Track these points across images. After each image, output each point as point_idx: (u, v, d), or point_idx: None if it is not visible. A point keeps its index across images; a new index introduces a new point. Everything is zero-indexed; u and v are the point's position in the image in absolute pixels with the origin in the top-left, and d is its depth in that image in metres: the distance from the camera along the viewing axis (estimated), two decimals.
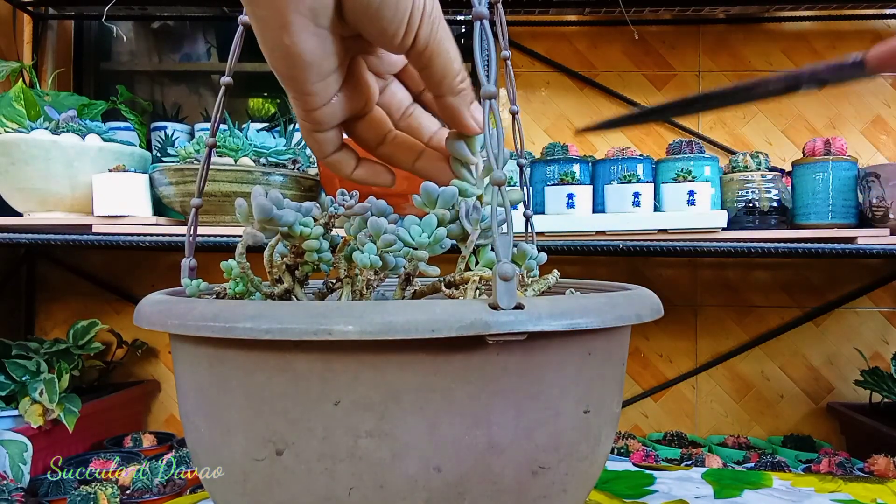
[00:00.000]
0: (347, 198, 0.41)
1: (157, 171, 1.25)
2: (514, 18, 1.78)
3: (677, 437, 1.62)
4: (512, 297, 0.28)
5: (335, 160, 0.38)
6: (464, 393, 0.30)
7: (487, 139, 0.31)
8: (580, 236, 1.31)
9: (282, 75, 0.33)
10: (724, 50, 1.81)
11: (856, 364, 1.69)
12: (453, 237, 0.37)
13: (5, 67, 1.51)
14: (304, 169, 1.33)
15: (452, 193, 0.37)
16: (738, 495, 0.59)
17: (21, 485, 1.19)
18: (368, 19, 0.31)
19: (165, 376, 1.84)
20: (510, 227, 0.30)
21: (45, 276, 1.83)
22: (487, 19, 0.31)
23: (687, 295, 1.79)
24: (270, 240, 0.39)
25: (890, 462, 1.27)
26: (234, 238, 1.19)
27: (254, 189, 0.36)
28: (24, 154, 1.24)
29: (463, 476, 0.30)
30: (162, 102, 1.96)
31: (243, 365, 0.31)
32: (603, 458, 0.37)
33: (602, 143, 1.82)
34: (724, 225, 1.30)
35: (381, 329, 0.27)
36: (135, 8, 1.81)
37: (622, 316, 0.33)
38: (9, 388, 1.34)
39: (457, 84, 0.34)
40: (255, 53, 0.33)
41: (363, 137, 0.39)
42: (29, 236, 1.23)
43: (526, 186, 0.51)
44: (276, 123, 1.58)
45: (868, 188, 1.31)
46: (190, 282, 0.41)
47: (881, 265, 1.73)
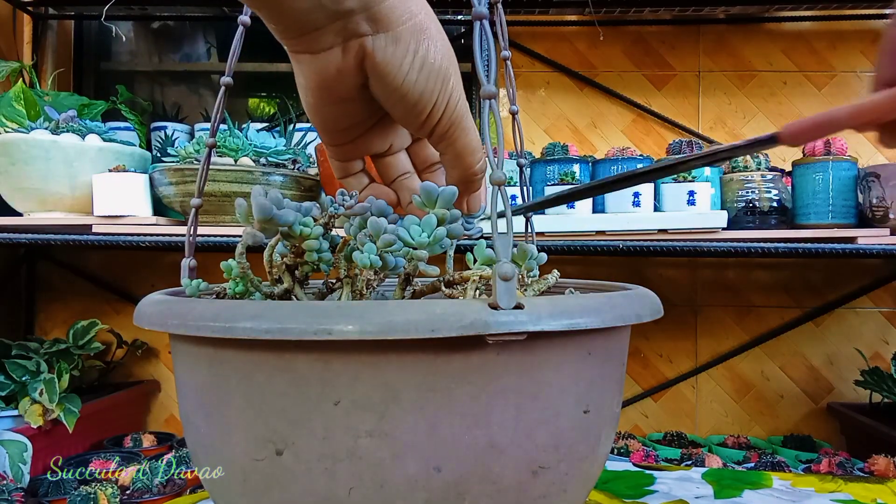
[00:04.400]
0: (347, 198, 0.41)
1: (157, 171, 1.25)
2: (514, 18, 1.78)
3: (677, 437, 1.62)
4: (512, 296, 0.28)
5: (347, 182, 0.40)
6: (464, 393, 0.30)
7: (487, 139, 0.31)
8: (580, 236, 1.31)
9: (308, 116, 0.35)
10: (724, 50, 1.81)
11: (856, 364, 1.69)
12: (453, 237, 0.38)
13: (5, 67, 1.51)
14: (304, 169, 1.33)
15: (452, 193, 0.37)
16: (738, 495, 0.59)
17: (21, 485, 1.19)
18: (391, 107, 0.33)
19: (165, 376, 1.84)
20: (510, 227, 0.30)
21: (45, 276, 1.83)
22: (487, 19, 0.32)
23: (687, 295, 1.79)
24: (270, 240, 0.39)
25: (890, 462, 1.27)
26: (234, 238, 1.19)
27: (254, 189, 0.36)
28: (24, 154, 1.24)
29: (463, 476, 0.30)
30: (162, 102, 1.96)
31: (243, 365, 0.31)
32: (603, 458, 0.37)
33: (602, 142, 1.82)
34: (724, 225, 1.30)
35: (381, 329, 0.27)
36: (135, 8, 1.81)
37: (622, 316, 0.33)
38: (9, 388, 1.34)
39: (467, 175, 0.36)
40: (255, 53, 0.34)
41: (379, 170, 0.40)
42: (29, 236, 1.23)
43: (526, 186, 0.51)
44: (276, 123, 1.58)
45: (868, 188, 1.31)
46: (190, 282, 0.41)
47: (881, 265, 1.73)
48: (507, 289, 0.28)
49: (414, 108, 0.32)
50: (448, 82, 0.32)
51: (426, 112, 0.32)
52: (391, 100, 0.32)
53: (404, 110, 0.32)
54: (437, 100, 0.32)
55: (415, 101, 0.32)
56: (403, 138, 0.39)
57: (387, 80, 0.31)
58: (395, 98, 0.32)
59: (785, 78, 1.80)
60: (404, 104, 0.32)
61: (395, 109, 0.33)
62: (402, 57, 0.31)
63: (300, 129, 1.46)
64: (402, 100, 0.32)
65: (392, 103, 0.32)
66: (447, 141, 0.34)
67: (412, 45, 0.31)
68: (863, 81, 1.78)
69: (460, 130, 0.34)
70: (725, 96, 1.81)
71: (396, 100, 0.32)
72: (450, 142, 0.34)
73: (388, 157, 0.39)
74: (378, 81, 0.31)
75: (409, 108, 0.32)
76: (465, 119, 0.34)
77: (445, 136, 0.34)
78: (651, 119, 1.81)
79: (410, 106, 0.32)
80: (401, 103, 0.32)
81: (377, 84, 0.32)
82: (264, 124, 1.58)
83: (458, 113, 0.33)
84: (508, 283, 0.28)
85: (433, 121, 0.33)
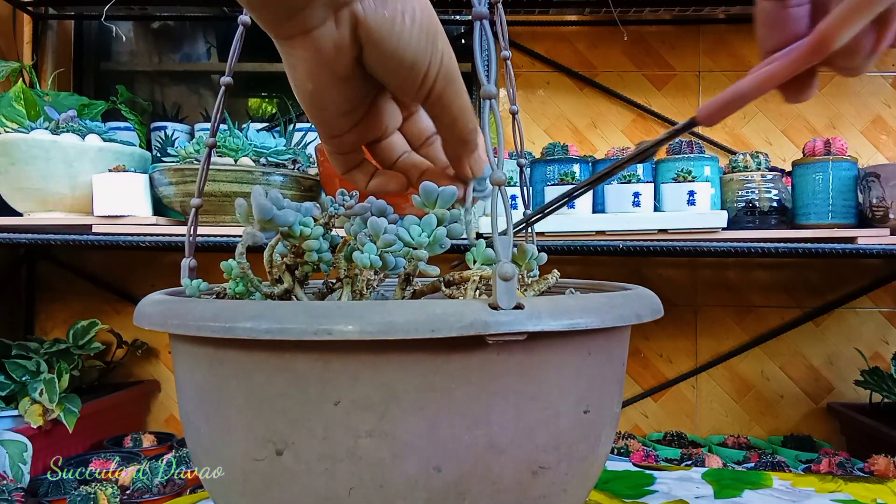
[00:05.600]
0: (347, 198, 0.41)
1: (157, 171, 1.25)
2: (514, 18, 1.78)
3: (677, 437, 1.62)
4: (512, 297, 0.28)
5: (351, 175, 0.40)
6: (464, 393, 0.30)
7: (488, 139, 0.31)
8: (580, 236, 1.31)
9: (305, 110, 0.35)
10: (724, 50, 1.81)
11: (856, 364, 1.69)
12: (453, 237, 0.38)
13: (5, 67, 1.51)
14: (304, 169, 1.33)
15: (452, 193, 0.37)
16: (738, 495, 0.59)
17: (21, 485, 1.19)
18: (387, 75, 0.33)
19: (165, 376, 1.84)
20: (510, 227, 0.30)
21: (45, 276, 1.83)
22: (487, 19, 0.32)
23: (687, 295, 1.79)
24: (270, 240, 0.39)
25: (890, 462, 1.27)
26: (234, 238, 1.19)
27: (254, 189, 0.36)
28: (24, 154, 1.24)
29: (463, 476, 0.30)
30: (162, 102, 1.96)
31: (243, 365, 0.31)
32: (603, 458, 0.37)
33: (602, 142, 1.82)
34: (724, 225, 1.30)
35: (381, 329, 0.27)
36: (135, 8, 1.81)
37: (622, 316, 0.33)
38: (9, 388, 1.34)
39: (464, 134, 0.36)
40: (255, 53, 0.34)
41: (378, 157, 0.40)
42: (29, 236, 1.23)
43: (526, 186, 0.51)
44: (276, 123, 1.58)
45: (868, 188, 1.31)
46: (190, 282, 0.41)
47: (881, 265, 1.73)
48: (507, 289, 0.28)
49: (410, 72, 0.32)
50: (437, 38, 0.32)
51: (422, 73, 0.32)
52: (388, 66, 0.32)
53: (401, 76, 0.32)
54: (430, 58, 0.32)
55: (411, 63, 0.32)
56: (395, 117, 0.39)
57: (382, 46, 0.31)
58: (392, 64, 0.32)
59: None
60: (401, 69, 0.32)
61: (391, 77, 0.33)
62: (393, 18, 0.31)
63: (300, 129, 1.46)
64: (398, 64, 0.32)
65: (389, 70, 0.32)
66: (443, 103, 0.34)
67: (398, 6, 0.31)
68: (863, 81, 1.78)
69: (454, 90, 0.34)
70: None
71: (394, 65, 0.32)
72: (445, 103, 0.34)
73: (384, 140, 0.39)
74: (373, 49, 0.31)
75: (406, 73, 0.32)
76: (458, 78, 0.34)
77: (442, 98, 0.34)
78: (651, 119, 1.81)
79: (407, 69, 0.32)
80: (397, 68, 0.32)
81: (372, 52, 0.32)
82: (264, 124, 1.58)
83: (451, 71, 0.33)
84: (508, 283, 0.28)
85: (429, 82, 0.33)
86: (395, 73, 0.32)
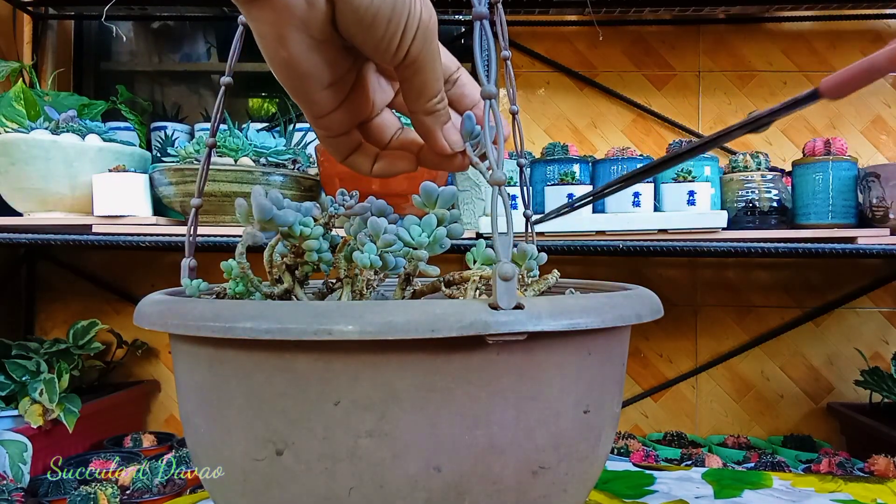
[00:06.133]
0: (347, 198, 0.41)
1: (157, 171, 1.25)
2: (514, 18, 1.78)
3: (677, 437, 1.62)
4: (512, 297, 0.28)
5: (352, 161, 0.38)
6: (464, 393, 0.30)
7: (488, 139, 0.31)
8: (580, 236, 1.31)
9: (286, 86, 0.33)
10: (724, 50, 1.81)
11: (856, 364, 1.69)
12: (453, 237, 0.38)
13: (5, 67, 1.51)
14: (304, 169, 1.33)
15: (452, 193, 0.37)
16: (738, 495, 0.59)
17: (21, 485, 1.19)
18: (362, 33, 0.31)
19: (165, 376, 1.84)
20: (510, 227, 0.30)
21: (45, 276, 1.83)
22: (487, 19, 0.32)
23: (687, 295, 1.79)
24: (270, 240, 0.39)
25: (890, 462, 1.27)
26: (234, 238, 1.19)
27: (254, 189, 0.36)
28: (24, 154, 1.24)
29: (463, 476, 0.30)
30: (162, 102, 1.96)
31: (243, 365, 0.31)
32: (603, 458, 0.37)
33: (602, 142, 1.82)
34: (724, 225, 1.30)
35: (381, 329, 0.27)
36: (135, 8, 1.81)
37: (622, 316, 0.33)
38: (9, 388, 1.34)
39: (433, 104, 0.34)
40: (255, 53, 0.33)
41: (372, 140, 0.39)
42: (29, 236, 1.23)
43: (526, 186, 0.51)
44: (276, 123, 1.58)
45: (868, 188, 1.31)
46: (190, 282, 0.41)
47: (881, 265, 1.73)
48: (507, 289, 0.28)
49: (386, 31, 0.30)
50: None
51: (399, 31, 0.31)
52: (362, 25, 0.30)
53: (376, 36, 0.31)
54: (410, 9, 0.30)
55: (386, 20, 0.30)
56: (384, 92, 0.38)
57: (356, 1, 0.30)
58: (366, 22, 0.30)
59: (785, 78, 1.80)
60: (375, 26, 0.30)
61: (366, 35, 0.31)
62: None
63: (300, 129, 1.46)
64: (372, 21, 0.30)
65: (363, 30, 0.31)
66: (417, 65, 0.32)
67: None
68: None
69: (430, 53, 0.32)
70: (725, 96, 1.81)
71: (367, 24, 0.30)
72: (419, 66, 0.32)
73: (375, 118, 0.38)
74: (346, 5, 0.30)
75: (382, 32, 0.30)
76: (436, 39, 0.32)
77: (417, 60, 0.32)
78: (651, 119, 1.81)
79: (382, 28, 0.30)
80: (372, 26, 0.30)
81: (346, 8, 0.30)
82: (264, 124, 1.58)
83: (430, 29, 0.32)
84: (508, 283, 0.28)
85: (406, 42, 0.31)
86: (370, 29, 0.30)
